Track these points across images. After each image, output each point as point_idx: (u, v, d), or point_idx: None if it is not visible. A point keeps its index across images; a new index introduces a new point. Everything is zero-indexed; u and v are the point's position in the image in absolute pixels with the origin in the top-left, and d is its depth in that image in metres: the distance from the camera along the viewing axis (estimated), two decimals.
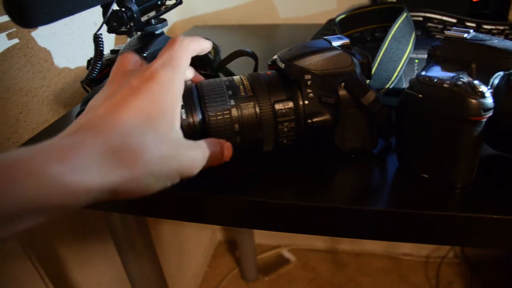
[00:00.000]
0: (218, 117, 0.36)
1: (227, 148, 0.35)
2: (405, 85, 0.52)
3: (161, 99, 0.29)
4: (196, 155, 0.31)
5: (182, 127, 0.34)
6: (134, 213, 0.55)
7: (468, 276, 1.35)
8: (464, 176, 0.35)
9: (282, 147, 0.40)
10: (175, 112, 0.30)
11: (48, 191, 0.22)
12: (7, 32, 0.53)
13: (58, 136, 0.26)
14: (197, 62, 0.40)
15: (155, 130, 0.28)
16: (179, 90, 0.31)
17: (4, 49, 0.53)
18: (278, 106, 0.38)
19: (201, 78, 0.40)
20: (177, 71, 0.31)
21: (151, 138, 0.27)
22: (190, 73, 0.39)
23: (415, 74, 0.53)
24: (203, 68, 0.52)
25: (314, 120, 0.38)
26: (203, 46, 0.36)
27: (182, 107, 0.35)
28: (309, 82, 0.38)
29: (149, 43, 0.47)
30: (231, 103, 0.37)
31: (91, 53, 0.48)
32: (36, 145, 0.24)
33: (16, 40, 0.55)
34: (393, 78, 0.50)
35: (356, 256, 1.47)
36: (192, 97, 0.37)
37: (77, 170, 0.23)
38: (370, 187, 0.39)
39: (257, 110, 0.37)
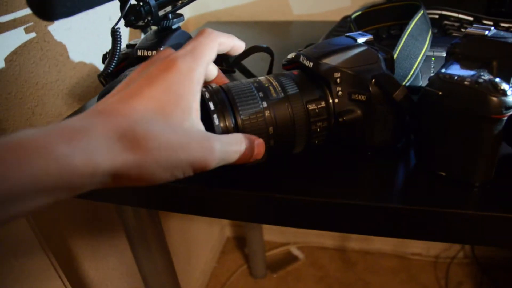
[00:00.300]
0: (252, 121, 0.35)
1: (259, 145, 0.34)
2: (421, 83, 0.51)
3: (177, 88, 0.28)
4: (212, 147, 0.29)
5: (215, 133, 0.33)
6: (147, 206, 0.56)
7: (478, 277, 1.34)
8: (482, 174, 0.35)
9: (312, 148, 0.39)
10: (192, 102, 0.29)
11: (55, 171, 0.22)
12: (24, 26, 0.54)
13: (71, 119, 0.26)
14: None
15: (167, 119, 0.28)
16: (198, 80, 0.30)
17: (21, 43, 0.54)
18: (311, 106, 0.37)
19: (226, 80, 0.38)
20: (198, 62, 0.30)
21: (160, 126, 0.27)
22: (214, 71, 0.37)
23: (432, 72, 0.53)
24: (219, 63, 0.52)
25: (345, 118, 0.37)
26: (234, 43, 0.35)
27: (214, 112, 0.34)
28: (338, 80, 0.37)
29: (166, 38, 0.47)
30: (264, 105, 0.36)
31: (105, 48, 0.48)
32: (46, 126, 0.24)
33: (33, 34, 0.55)
34: (409, 76, 0.50)
35: (365, 255, 1.47)
36: (223, 101, 0.35)
37: (84, 152, 0.23)
38: (386, 184, 0.39)
39: (290, 111, 0.36)
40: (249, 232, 1.35)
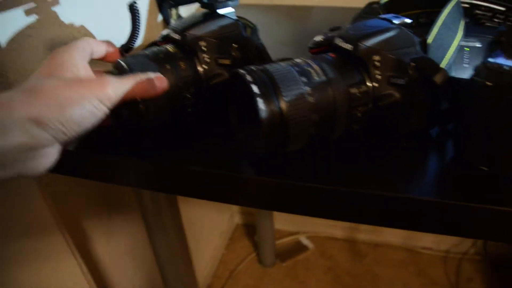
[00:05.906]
0: (296, 106, 0.33)
1: (160, 79, 0.38)
2: (454, 73, 0.49)
3: (59, 64, 0.37)
4: (103, 75, 0.39)
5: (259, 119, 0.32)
6: (165, 191, 0.54)
7: (488, 274, 1.33)
8: None
9: (350, 133, 0.38)
10: (73, 68, 0.37)
11: None
12: (25, 8, 0.49)
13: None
14: None
15: (56, 76, 0.36)
16: (75, 60, 0.37)
17: (22, 27, 0.49)
18: (353, 90, 0.36)
19: (116, 56, 0.43)
20: (71, 53, 0.38)
21: (51, 80, 0.35)
22: (102, 48, 0.42)
23: (464, 63, 0.51)
24: None
25: (385, 102, 0.36)
26: (108, 50, 0.42)
27: (260, 96, 0.32)
28: (377, 63, 0.36)
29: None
30: (307, 90, 0.34)
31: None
32: None
33: (35, 17, 0.50)
34: (442, 66, 0.48)
35: (374, 247, 1.46)
36: (266, 85, 0.33)
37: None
38: (421, 176, 0.37)
39: (332, 95, 0.35)
40: (259, 220, 1.34)
